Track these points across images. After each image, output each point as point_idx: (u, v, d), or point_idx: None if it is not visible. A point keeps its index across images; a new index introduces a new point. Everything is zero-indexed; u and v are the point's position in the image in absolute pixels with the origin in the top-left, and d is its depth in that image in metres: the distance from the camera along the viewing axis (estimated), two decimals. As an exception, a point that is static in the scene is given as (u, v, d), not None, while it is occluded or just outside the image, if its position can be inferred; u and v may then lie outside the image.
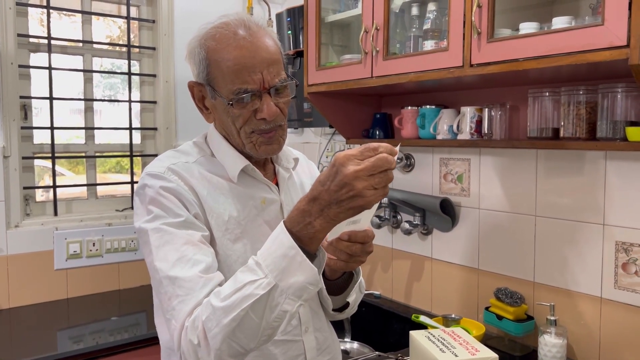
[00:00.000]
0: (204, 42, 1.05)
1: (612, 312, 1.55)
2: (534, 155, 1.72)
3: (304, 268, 0.88)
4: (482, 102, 1.80)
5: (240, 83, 1.02)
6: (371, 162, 0.83)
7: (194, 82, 1.10)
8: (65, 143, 2.43)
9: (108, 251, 2.40)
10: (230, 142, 1.14)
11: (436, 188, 2.06)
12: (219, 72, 1.04)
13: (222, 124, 1.12)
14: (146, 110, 2.63)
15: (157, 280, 1.00)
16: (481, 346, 1.35)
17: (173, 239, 0.99)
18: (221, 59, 1.03)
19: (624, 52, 1.16)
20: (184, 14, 2.59)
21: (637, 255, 1.49)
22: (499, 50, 1.41)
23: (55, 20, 2.41)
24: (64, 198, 2.41)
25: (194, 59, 1.07)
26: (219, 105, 1.08)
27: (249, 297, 0.88)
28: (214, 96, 1.07)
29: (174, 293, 0.95)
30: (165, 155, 1.14)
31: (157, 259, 0.99)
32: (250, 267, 0.91)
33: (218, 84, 1.05)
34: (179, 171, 1.07)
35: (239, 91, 1.03)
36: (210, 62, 1.04)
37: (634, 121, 1.42)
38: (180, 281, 0.95)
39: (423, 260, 2.13)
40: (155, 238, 1.00)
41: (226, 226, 1.07)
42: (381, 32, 1.76)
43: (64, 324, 2.09)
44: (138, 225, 1.05)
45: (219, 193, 1.09)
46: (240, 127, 1.07)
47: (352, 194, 0.83)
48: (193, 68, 1.09)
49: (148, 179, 1.06)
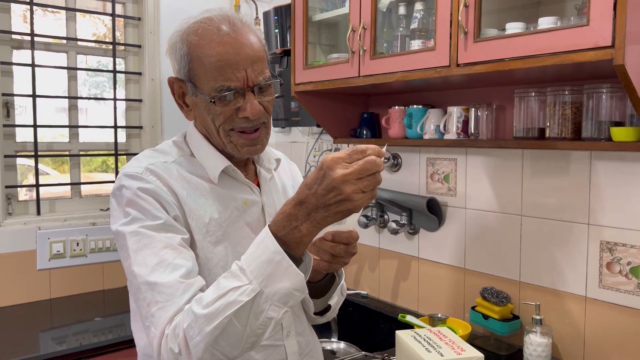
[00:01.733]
0: (185, 37, 1.02)
1: (596, 311, 1.56)
2: (520, 155, 1.73)
3: (290, 274, 0.86)
4: (469, 102, 1.81)
5: (223, 80, 1.00)
6: (359, 165, 0.81)
7: (174, 78, 1.07)
8: (49, 142, 2.40)
9: (92, 251, 2.37)
10: (211, 142, 1.10)
11: (423, 188, 2.06)
12: (201, 68, 1.01)
13: (202, 122, 1.08)
14: (131, 108, 2.60)
15: (135, 286, 0.96)
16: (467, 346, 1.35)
17: (152, 242, 0.95)
18: (204, 54, 1.00)
19: (608, 53, 1.16)
20: (170, 12, 2.56)
21: (622, 255, 1.50)
22: (485, 50, 1.42)
23: (40, 17, 2.38)
24: (48, 197, 2.38)
25: (174, 54, 1.04)
26: (200, 102, 1.04)
27: (233, 304, 0.85)
28: (195, 93, 1.04)
29: (153, 299, 0.92)
30: (143, 155, 1.09)
31: (135, 263, 0.95)
32: (233, 272, 0.88)
33: (200, 81, 1.01)
34: (158, 172, 1.03)
35: (221, 88, 1.00)
36: (192, 57, 1.01)
37: (619, 121, 1.43)
38: (159, 287, 0.92)
39: (410, 260, 2.14)
40: (133, 242, 0.96)
41: (207, 228, 1.04)
42: (368, 32, 1.76)
43: (46, 324, 2.06)
44: (115, 228, 1.01)
45: (199, 194, 1.06)
46: (219, 125, 1.04)
47: (340, 197, 0.81)
48: (174, 63, 1.06)
49: (125, 180, 1.02)
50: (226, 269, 1.02)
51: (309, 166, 2.56)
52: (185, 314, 0.89)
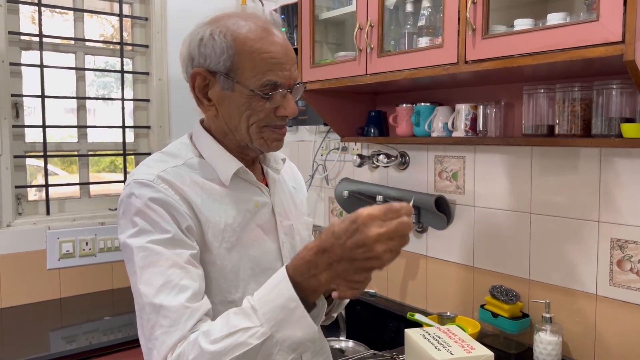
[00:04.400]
0: (228, 31, 1.00)
1: (607, 309, 1.55)
2: (529, 152, 1.72)
3: (303, 324, 0.84)
4: (477, 99, 1.80)
5: (273, 76, 1.00)
6: (394, 225, 0.81)
7: (201, 70, 1.02)
8: (58, 142, 2.42)
9: (101, 250, 2.39)
10: (222, 141, 1.08)
11: (431, 186, 2.05)
12: (248, 63, 0.99)
13: (227, 117, 1.05)
14: (139, 108, 2.61)
15: (140, 305, 0.94)
16: (476, 344, 1.34)
17: (159, 260, 0.92)
18: (254, 50, 0.99)
19: (618, 48, 1.15)
20: (177, 12, 2.57)
21: (633, 252, 1.49)
22: (493, 46, 1.41)
23: (48, 18, 2.39)
24: (57, 197, 2.39)
25: (205, 47, 1.01)
26: (235, 97, 1.01)
27: (242, 346, 0.83)
28: (230, 87, 1.01)
29: (157, 322, 0.90)
30: (153, 160, 1.06)
31: (140, 281, 0.93)
32: (245, 311, 0.86)
33: (244, 75, 1.00)
34: (170, 179, 0.99)
35: (269, 83, 1.00)
36: (237, 51, 0.99)
37: (629, 118, 1.42)
38: (164, 310, 0.89)
39: (418, 259, 2.13)
40: (140, 258, 0.93)
41: (222, 235, 1.02)
42: (375, 29, 1.75)
43: (56, 324, 2.07)
44: (122, 239, 0.98)
45: (213, 200, 1.03)
46: (253, 122, 1.03)
47: (369, 255, 0.80)
48: (203, 56, 1.02)
49: (136, 188, 0.98)
50: (239, 274, 1.02)
51: (316, 165, 2.55)
52: (191, 345, 0.86)
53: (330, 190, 2.50)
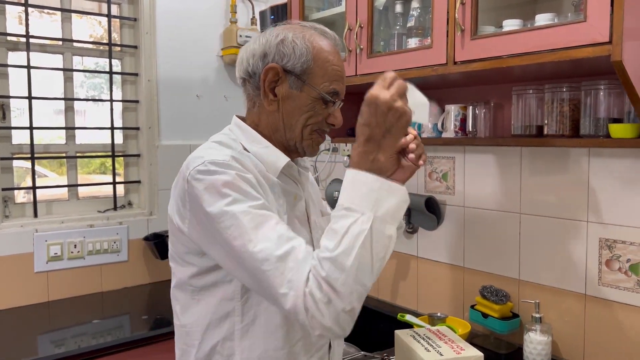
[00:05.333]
0: (308, 38, 1.11)
1: (596, 308, 1.56)
2: (519, 153, 1.72)
3: (394, 191, 0.96)
4: (466, 100, 1.80)
5: (338, 87, 1.13)
6: (396, 85, 0.96)
7: (277, 66, 1.10)
8: (46, 143, 2.39)
9: (90, 253, 2.36)
10: (269, 137, 1.14)
11: (421, 186, 2.05)
12: (321, 70, 1.11)
13: (287, 114, 1.12)
14: (128, 109, 2.59)
15: (257, 262, 0.96)
16: (466, 345, 1.34)
17: (266, 219, 0.99)
18: (327, 60, 1.12)
19: (606, 49, 1.16)
20: (166, 12, 2.55)
21: (621, 252, 1.50)
22: (482, 47, 1.41)
23: (36, 19, 2.37)
24: (45, 199, 2.37)
25: (286, 47, 1.10)
26: (300, 96, 1.11)
27: (359, 235, 0.92)
28: (299, 87, 1.10)
29: (285, 268, 0.95)
30: (211, 148, 1.10)
31: (255, 240, 0.97)
32: (341, 214, 0.95)
33: (314, 80, 1.10)
34: (242, 161, 1.05)
35: (334, 92, 1.12)
36: (315, 57, 1.10)
37: (617, 118, 1.42)
38: (290, 256, 0.96)
39: (409, 259, 2.13)
40: (248, 220, 0.98)
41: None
42: (365, 30, 1.75)
43: (45, 327, 2.05)
44: (217, 209, 0.99)
45: (269, 187, 1.10)
46: (308, 124, 1.13)
47: (398, 113, 0.94)
48: (280, 54, 1.10)
49: (215, 167, 1.01)
50: None
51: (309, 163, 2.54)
52: (318, 266, 0.93)
53: (322, 192, 2.50)
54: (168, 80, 2.60)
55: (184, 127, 2.66)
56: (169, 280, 1.18)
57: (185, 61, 2.64)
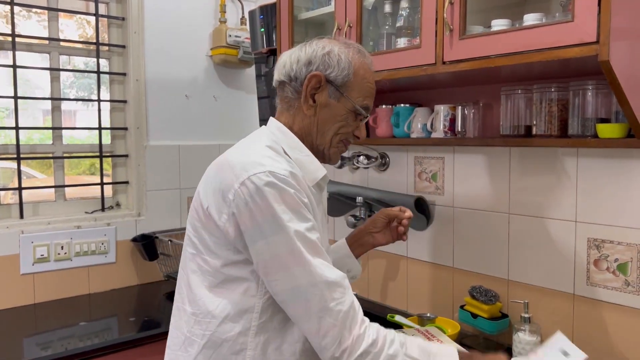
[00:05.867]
0: (351, 54, 1.19)
1: (584, 308, 1.56)
2: (507, 153, 1.73)
3: None
4: (455, 100, 1.80)
5: (369, 103, 1.23)
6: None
7: (321, 75, 1.17)
8: (33, 144, 2.36)
9: (77, 254, 2.34)
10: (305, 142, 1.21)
11: (411, 187, 2.05)
12: (358, 85, 1.20)
13: (322, 122, 1.20)
14: (116, 109, 2.57)
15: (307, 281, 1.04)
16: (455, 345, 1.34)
17: (313, 245, 1.06)
18: (365, 77, 1.21)
19: (593, 49, 1.16)
20: (155, 12, 2.54)
21: (609, 252, 1.50)
22: (471, 47, 1.41)
23: (23, 18, 2.34)
24: (31, 200, 2.34)
25: (331, 59, 1.17)
26: (337, 106, 1.19)
27: None
28: (337, 97, 1.18)
29: (330, 297, 1.04)
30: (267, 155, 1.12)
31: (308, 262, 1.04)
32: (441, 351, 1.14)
33: (352, 93, 1.19)
34: (298, 176, 1.10)
35: (366, 106, 1.22)
36: (355, 72, 1.19)
37: (605, 118, 1.43)
38: (333, 285, 1.05)
39: (398, 259, 2.13)
40: (301, 243, 1.05)
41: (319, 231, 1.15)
42: (354, 30, 1.75)
43: (31, 330, 2.02)
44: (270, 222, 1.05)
45: (312, 199, 1.15)
46: (339, 132, 1.21)
47: None
48: (325, 65, 1.17)
49: (276, 180, 1.06)
50: None
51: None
52: (388, 342, 1.10)
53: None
54: (156, 80, 2.58)
55: (172, 127, 2.64)
56: (157, 281, 1.18)
57: (174, 61, 2.62)
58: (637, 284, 1.45)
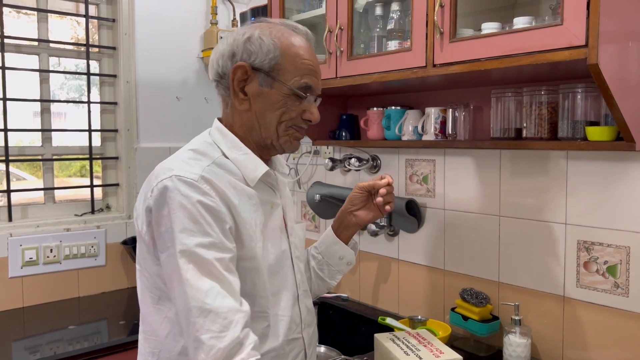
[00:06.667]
0: (274, 34, 1.10)
1: (574, 310, 1.57)
2: (498, 155, 1.73)
3: None
4: (446, 103, 1.81)
5: (310, 81, 1.11)
6: None
7: (245, 64, 1.08)
8: (22, 146, 2.34)
9: (66, 257, 2.32)
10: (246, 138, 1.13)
11: (402, 189, 2.05)
12: (291, 65, 1.09)
13: (259, 112, 1.11)
14: (106, 111, 2.56)
15: (185, 307, 0.96)
16: (446, 348, 1.34)
17: (204, 264, 0.96)
18: (297, 55, 1.10)
19: (582, 52, 1.17)
20: (145, 13, 2.52)
21: (599, 254, 1.51)
22: (461, 50, 1.41)
23: (12, 19, 2.32)
24: (20, 203, 2.32)
25: (254, 45, 1.09)
26: (271, 94, 1.09)
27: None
28: (269, 84, 1.09)
29: (203, 326, 0.94)
30: (186, 157, 1.08)
31: (186, 283, 0.95)
32: None
33: (285, 76, 1.09)
34: (212, 180, 1.02)
35: (306, 86, 1.10)
36: (283, 51, 1.09)
37: (594, 121, 1.44)
38: (212, 315, 0.94)
39: (390, 262, 2.13)
40: (186, 260, 0.96)
41: (255, 234, 1.08)
42: (345, 32, 1.75)
43: (19, 334, 2.00)
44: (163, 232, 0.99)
45: (245, 200, 1.08)
46: (282, 120, 1.11)
47: None
48: (247, 53, 1.09)
49: (180, 185, 0.99)
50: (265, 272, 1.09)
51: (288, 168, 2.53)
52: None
53: (303, 194, 2.49)
54: (147, 82, 2.56)
55: (163, 129, 2.63)
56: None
57: (164, 63, 2.61)
58: (626, 286, 1.46)
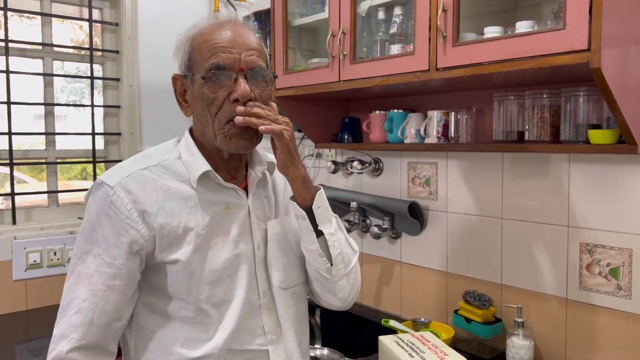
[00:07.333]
0: (190, 34, 1.07)
1: (577, 312, 1.57)
2: (500, 158, 1.74)
3: None
4: (448, 106, 1.81)
5: (216, 59, 1.02)
6: None
7: (177, 74, 1.10)
8: (25, 149, 2.35)
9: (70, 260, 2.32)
10: (202, 142, 1.11)
11: (404, 192, 2.06)
12: (198, 54, 1.04)
13: (198, 115, 1.08)
14: (110, 115, 2.57)
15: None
16: (450, 350, 1.35)
17: (78, 277, 1.02)
18: (203, 41, 1.04)
19: (584, 56, 1.18)
20: (148, 17, 2.54)
21: (601, 256, 1.51)
22: (464, 54, 1.42)
23: (15, 23, 2.33)
24: (24, 206, 2.33)
25: (178, 52, 1.08)
26: (195, 91, 1.05)
27: None
28: (192, 81, 1.05)
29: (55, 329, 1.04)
30: (128, 161, 1.11)
31: (66, 284, 1.04)
32: None
33: (196, 67, 1.04)
34: (130, 187, 1.03)
35: (211, 67, 1.02)
36: (192, 48, 1.06)
37: (596, 124, 1.44)
38: (57, 326, 1.04)
39: (392, 264, 2.13)
40: (75, 261, 1.03)
41: (183, 239, 1.04)
42: (348, 36, 1.76)
43: (23, 336, 2.01)
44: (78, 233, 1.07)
45: (176, 204, 1.05)
46: (215, 114, 1.04)
47: None
48: (179, 62, 1.09)
49: (95, 189, 1.05)
50: (202, 276, 1.04)
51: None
52: None
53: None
54: (150, 85, 2.57)
55: (166, 132, 2.60)
56: (149, 287, 1.17)
57: (167, 66, 2.58)
58: (629, 288, 1.46)
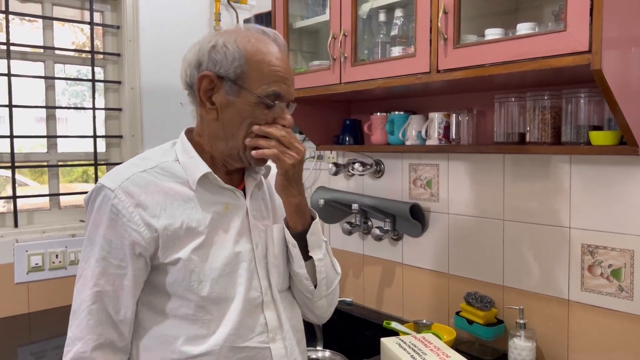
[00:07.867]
0: (239, 41, 1.07)
1: (579, 314, 1.57)
2: (501, 160, 1.74)
3: None
4: (449, 107, 1.82)
5: (278, 88, 1.08)
6: None
7: (211, 73, 1.07)
8: (27, 152, 2.36)
9: (72, 263, 2.32)
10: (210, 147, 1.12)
11: (406, 194, 2.06)
12: (257, 72, 1.07)
13: (227, 122, 1.09)
14: (111, 117, 2.57)
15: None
16: (452, 352, 1.35)
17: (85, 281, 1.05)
18: (264, 61, 1.07)
19: (585, 58, 1.18)
20: (150, 20, 2.54)
21: (603, 258, 1.51)
22: (465, 56, 1.43)
23: (17, 26, 2.34)
24: (26, 209, 2.33)
25: (217, 53, 1.07)
26: (238, 102, 1.07)
27: None
28: (235, 93, 1.07)
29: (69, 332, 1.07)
30: (127, 164, 1.12)
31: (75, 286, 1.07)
32: None
33: (251, 83, 1.06)
34: (132, 190, 1.05)
35: (274, 94, 1.07)
36: (248, 60, 1.06)
37: (597, 125, 1.45)
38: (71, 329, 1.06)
39: (394, 266, 2.13)
40: (82, 265, 1.06)
41: (185, 238, 1.07)
42: (349, 39, 1.76)
43: (25, 339, 2.01)
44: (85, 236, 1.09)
45: (177, 205, 1.08)
46: (251, 132, 1.08)
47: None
48: (213, 61, 1.07)
49: (96, 192, 1.07)
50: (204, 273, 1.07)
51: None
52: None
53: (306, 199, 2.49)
54: (151, 88, 2.58)
55: (167, 135, 2.59)
56: (152, 290, 1.17)
57: (168, 69, 2.63)
58: (630, 289, 1.46)
